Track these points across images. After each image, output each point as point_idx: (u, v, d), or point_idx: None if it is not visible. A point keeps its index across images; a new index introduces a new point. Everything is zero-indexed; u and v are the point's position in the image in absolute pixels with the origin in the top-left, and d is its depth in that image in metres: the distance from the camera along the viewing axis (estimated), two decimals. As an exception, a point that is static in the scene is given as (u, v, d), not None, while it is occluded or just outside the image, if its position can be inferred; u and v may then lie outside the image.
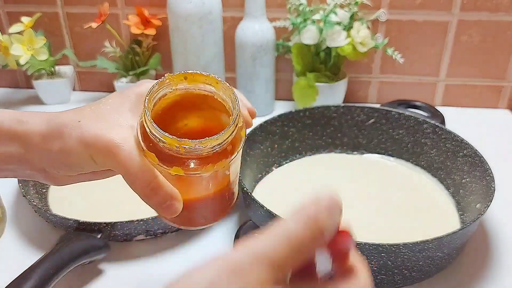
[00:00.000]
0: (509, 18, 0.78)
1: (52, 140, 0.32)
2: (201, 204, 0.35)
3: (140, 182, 0.31)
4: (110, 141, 0.31)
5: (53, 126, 0.33)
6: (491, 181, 0.52)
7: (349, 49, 0.75)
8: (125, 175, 0.32)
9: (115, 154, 0.31)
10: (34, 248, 0.56)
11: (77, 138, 0.32)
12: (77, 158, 0.32)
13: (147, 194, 0.32)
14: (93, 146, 0.31)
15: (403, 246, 0.43)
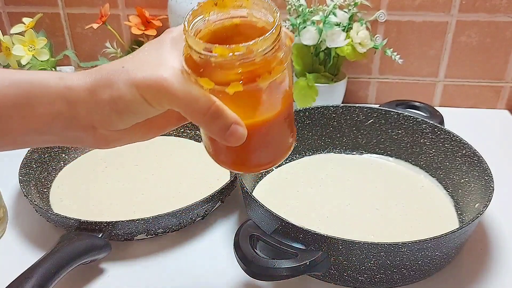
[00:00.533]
0: (507, 19, 0.79)
1: (100, 90, 0.31)
2: (262, 132, 0.33)
3: (199, 109, 0.30)
4: (160, 76, 0.30)
5: (97, 77, 0.32)
6: (490, 181, 0.53)
7: (348, 50, 0.75)
8: (182, 105, 0.30)
9: (168, 86, 0.30)
10: (35, 247, 0.56)
11: (126, 81, 0.31)
12: (129, 102, 0.31)
13: (208, 120, 0.30)
14: (144, 84, 0.30)
15: (402, 246, 0.44)
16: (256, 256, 0.44)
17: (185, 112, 0.31)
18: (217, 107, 0.30)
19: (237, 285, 0.51)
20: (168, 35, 0.34)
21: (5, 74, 0.32)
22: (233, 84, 0.29)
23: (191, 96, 0.30)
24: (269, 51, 0.29)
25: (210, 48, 0.29)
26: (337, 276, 0.48)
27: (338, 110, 0.69)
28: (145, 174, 0.66)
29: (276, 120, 0.33)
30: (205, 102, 0.30)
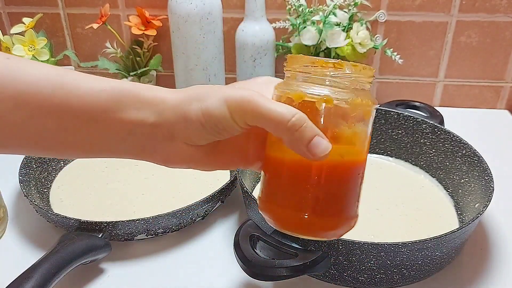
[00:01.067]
0: (507, 19, 0.79)
1: (190, 102, 0.33)
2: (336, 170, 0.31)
3: (283, 117, 0.30)
4: (248, 93, 0.31)
5: (191, 92, 0.33)
6: (490, 181, 0.53)
7: (348, 50, 0.75)
8: (265, 116, 0.30)
9: (254, 100, 0.31)
10: (35, 247, 0.56)
11: (218, 96, 0.32)
12: (214, 114, 0.32)
13: (292, 130, 0.30)
14: (233, 99, 0.31)
15: (402, 246, 0.44)
16: (256, 256, 0.44)
17: (268, 122, 0.31)
18: (301, 116, 0.30)
19: (237, 285, 0.51)
20: (254, 80, 0.37)
21: (96, 81, 0.33)
22: (326, 98, 0.30)
23: (274, 107, 0.30)
24: (361, 80, 0.31)
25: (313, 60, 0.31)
26: (337, 276, 0.48)
27: (338, 110, 0.69)
28: (145, 174, 0.66)
29: (352, 166, 0.32)
30: (288, 111, 0.30)
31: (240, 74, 0.82)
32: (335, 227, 0.32)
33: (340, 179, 0.31)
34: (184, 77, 0.80)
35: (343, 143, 0.31)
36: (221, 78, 0.82)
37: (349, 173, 0.31)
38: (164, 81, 0.92)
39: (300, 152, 0.30)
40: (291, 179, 0.31)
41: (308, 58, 0.31)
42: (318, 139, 0.30)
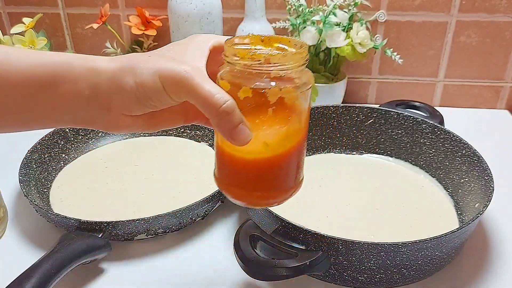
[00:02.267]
0: (507, 19, 0.79)
1: (124, 75, 0.33)
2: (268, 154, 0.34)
3: (214, 102, 0.31)
4: (183, 69, 0.32)
5: (124, 62, 0.34)
6: (490, 180, 0.53)
7: (348, 50, 0.75)
8: (199, 98, 0.32)
9: (188, 78, 0.32)
10: (35, 247, 0.56)
11: (151, 69, 0.33)
12: (150, 89, 0.33)
13: (220, 114, 0.32)
14: (167, 74, 0.32)
15: (402, 246, 0.44)
16: (256, 256, 0.44)
17: (201, 104, 0.32)
18: (231, 103, 0.32)
19: (237, 285, 0.51)
20: (193, 39, 0.36)
21: (35, 55, 0.34)
22: (244, 88, 0.31)
23: (209, 90, 0.32)
24: (285, 69, 0.32)
25: (235, 52, 0.32)
26: (337, 276, 0.48)
27: (338, 110, 0.69)
28: (145, 174, 0.66)
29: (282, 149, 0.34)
30: (220, 97, 0.31)
31: (240, 74, 0.82)
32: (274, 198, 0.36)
33: (268, 164, 0.34)
34: (184, 77, 0.80)
35: (269, 130, 0.33)
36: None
37: (277, 157, 0.34)
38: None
39: (225, 137, 0.33)
40: (231, 163, 0.35)
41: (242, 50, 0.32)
42: (241, 127, 0.32)
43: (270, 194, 0.36)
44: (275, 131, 0.33)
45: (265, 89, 0.31)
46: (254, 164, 0.34)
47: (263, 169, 0.35)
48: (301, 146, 0.36)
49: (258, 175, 0.35)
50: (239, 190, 0.36)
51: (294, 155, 0.35)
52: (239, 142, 0.33)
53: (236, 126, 0.32)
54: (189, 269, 0.53)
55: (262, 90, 0.31)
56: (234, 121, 0.32)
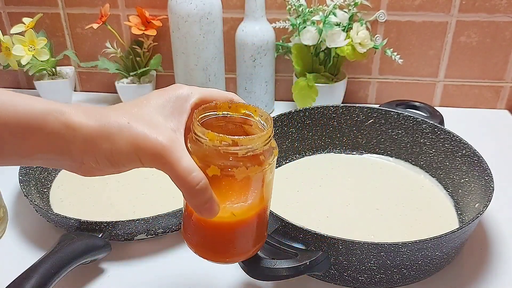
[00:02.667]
0: (507, 19, 0.79)
1: (101, 140, 0.33)
2: (230, 222, 0.37)
3: (189, 181, 0.32)
4: (160, 144, 0.32)
5: (101, 124, 0.33)
6: (490, 180, 0.53)
7: (348, 50, 0.75)
8: (174, 175, 0.33)
9: (166, 156, 0.32)
10: (35, 247, 0.56)
11: (127, 139, 0.32)
12: (125, 159, 0.33)
13: (193, 193, 0.33)
14: (143, 148, 0.32)
15: (402, 246, 0.44)
16: (256, 256, 0.44)
17: (175, 180, 0.33)
18: (204, 184, 0.33)
19: (237, 285, 0.51)
20: (175, 91, 0.37)
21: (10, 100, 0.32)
22: (212, 167, 0.33)
23: (184, 169, 0.32)
24: (251, 150, 0.33)
25: (203, 131, 0.33)
26: (337, 276, 0.48)
27: (338, 110, 0.69)
28: (145, 174, 0.66)
29: (246, 217, 0.37)
30: (195, 176, 0.33)
31: (240, 74, 0.82)
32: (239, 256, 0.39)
33: (233, 231, 0.37)
34: (184, 77, 0.80)
35: (236, 203, 0.36)
36: (221, 78, 0.82)
37: (243, 224, 0.37)
38: (164, 81, 0.92)
39: (194, 210, 0.35)
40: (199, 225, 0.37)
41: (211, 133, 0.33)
42: (210, 204, 0.34)
43: (234, 253, 0.39)
44: (241, 204, 0.36)
45: (232, 169, 0.33)
46: (221, 228, 0.37)
47: (228, 232, 0.37)
48: (265, 210, 0.39)
49: (223, 237, 0.38)
50: (204, 250, 0.38)
51: (258, 219, 0.38)
52: (207, 216, 0.34)
53: (206, 203, 0.34)
54: (189, 269, 0.53)
55: (229, 169, 0.33)
56: (205, 198, 0.33)
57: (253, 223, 0.38)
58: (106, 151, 0.33)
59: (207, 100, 0.37)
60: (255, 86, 0.82)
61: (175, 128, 0.35)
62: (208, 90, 0.38)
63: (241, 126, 0.38)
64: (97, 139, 0.33)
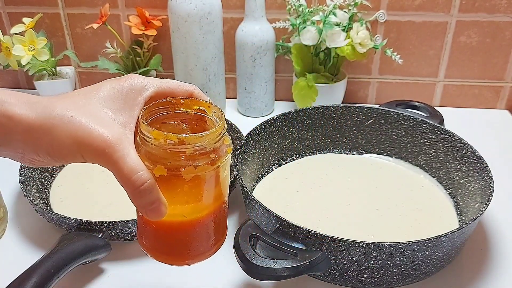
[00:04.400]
0: (507, 19, 0.79)
1: (42, 135, 0.31)
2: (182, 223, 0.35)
3: (134, 181, 0.31)
4: (105, 140, 0.30)
5: (42, 116, 0.31)
6: (490, 181, 0.53)
7: (348, 50, 0.75)
8: (118, 174, 0.31)
9: (109, 154, 0.30)
10: (35, 247, 0.56)
11: (69, 134, 0.31)
12: (66, 154, 0.31)
13: (138, 194, 0.31)
14: (86, 144, 0.30)
15: (402, 246, 0.44)
16: (256, 256, 0.44)
17: (119, 179, 0.31)
18: (150, 184, 0.31)
19: (237, 285, 0.51)
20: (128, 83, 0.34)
21: None
22: (159, 167, 0.31)
23: (129, 169, 0.30)
24: (199, 148, 0.31)
25: (148, 129, 0.31)
26: (337, 276, 0.48)
27: (338, 110, 0.69)
28: (145, 174, 0.66)
29: (199, 218, 0.35)
30: (140, 176, 0.31)
31: (240, 74, 0.82)
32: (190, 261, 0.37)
33: (185, 232, 0.35)
34: (184, 77, 0.80)
35: (186, 204, 0.34)
36: (221, 78, 0.82)
37: (196, 226, 0.35)
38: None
39: (139, 211, 0.33)
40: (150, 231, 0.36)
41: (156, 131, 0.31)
42: (156, 206, 0.32)
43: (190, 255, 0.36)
44: (192, 204, 0.34)
45: (180, 169, 0.31)
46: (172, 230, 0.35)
47: (181, 234, 0.35)
48: (220, 209, 0.36)
49: (176, 239, 0.36)
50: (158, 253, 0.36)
51: (213, 219, 0.36)
52: (153, 218, 0.32)
53: (151, 204, 0.32)
54: (189, 269, 0.53)
55: (177, 169, 0.31)
56: (151, 200, 0.31)
57: (208, 224, 0.36)
58: (47, 144, 0.31)
59: (164, 93, 0.35)
60: (255, 86, 0.82)
61: (124, 123, 0.32)
62: (165, 83, 0.35)
63: (197, 123, 0.35)
64: (37, 132, 0.31)
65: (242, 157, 0.60)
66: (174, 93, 0.35)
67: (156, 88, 0.34)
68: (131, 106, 0.33)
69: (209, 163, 0.32)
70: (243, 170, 0.59)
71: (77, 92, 0.33)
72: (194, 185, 0.33)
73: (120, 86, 0.34)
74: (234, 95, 0.90)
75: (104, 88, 0.33)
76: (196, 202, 0.34)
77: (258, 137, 0.64)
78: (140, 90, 0.34)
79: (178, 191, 0.33)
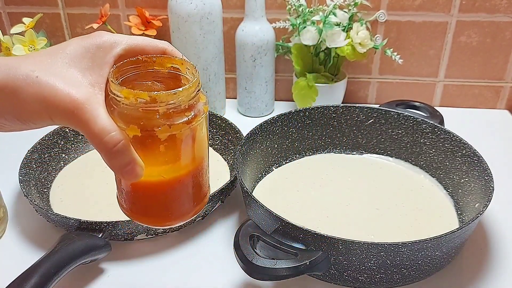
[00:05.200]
0: (507, 19, 0.79)
1: (5, 97, 0.30)
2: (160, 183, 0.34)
3: (106, 142, 0.29)
4: (73, 101, 0.29)
5: (7, 79, 0.29)
6: (490, 180, 0.53)
7: (348, 50, 0.75)
8: (89, 136, 0.30)
9: (79, 115, 0.29)
10: (35, 247, 0.56)
11: (35, 95, 0.29)
12: (33, 116, 0.30)
13: (111, 155, 0.30)
14: (53, 105, 0.29)
15: (402, 245, 0.44)
16: (256, 256, 0.44)
17: (91, 141, 0.30)
18: (123, 145, 0.30)
19: (237, 285, 0.51)
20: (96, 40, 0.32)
21: None
22: (132, 127, 0.30)
23: (99, 129, 0.29)
24: (173, 106, 0.30)
25: (118, 88, 0.30)
26: (337, 276, 0.48)
27: (338, 110, 0.69)
28: (145, 174, 0.66)
29: (177, 178, 0.34)
30: (113, 137, 0.30)
31: (240, 74, 0.82)
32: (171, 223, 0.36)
33: (164, 193, 0.34)
34: (184, 77, 0.80)
35: (163, 165, 0.33)
36: (221, 78, 0.82)
37: (175, 186, 0.34)
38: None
39: (115, 173, 0.31)
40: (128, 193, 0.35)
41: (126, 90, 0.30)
42: (132, 167, 0.31)
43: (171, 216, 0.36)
44: (170, 165, 0.33)
45: (153, 128, 0.30)
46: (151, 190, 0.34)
47: (159, 194, 0.34)
48: (200, 169, 0.35)
49: (155, 200, 0.35)
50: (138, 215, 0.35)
51: (192, 179, 0.35)
52: (129, 180, 0.32)
53: (126, 166, 0.30)
54: (189, 269, 0.53)
55: (151, 129, 0.30)
56: (125, 161, 0.30)
57: (187, 184, 0.35)
58: (13, 107, 0.30)
59: (135, 50, 0.33)
60: (255, 86, 0.82)
61: (93, 82, 0.31)
62: (136, 39, 0.33)
63: (171, 81, 0.34)
64: (1, 94, 0.29)
65: (242, 157, 0.60)
66: (145, 51, 0.34)
67: (125, 46, 0.33)
68: (100, 65, 0.32)
69: (185, 122, 0.31)
70: (243, 170, 0.59)
71: (43, 51, 0.32)
72: (170, 145, 0.32)
73: (87, 44, 0.32)
74: (234, 95, 0.90)
75: (71, 47, 0.32)
76: (174, 162, 0.33)
77: (258, 137, 0.64)
78: (109, 48, 0.32)
79: (154, 152, 0.32)
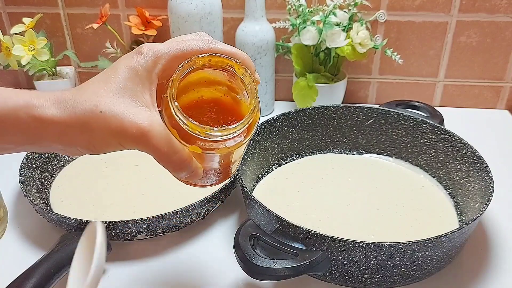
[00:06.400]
0: (507, 19, 0.79)
1: (77, 132, 0.32)
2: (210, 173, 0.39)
3: (173, 162, 0.33)
4: (139, 129, 0.32)
5: (72, 115, 0.32)
6: (490, 180, 0.53)
7: (348, 50, 0.75)
8: (158, 157, 0.33)
9: (147, 140, 0.32)
10: (35, 247, 0.56)
11: (103, 128, 0.32)
12: (104, 144, 0.33)
13: (178, 171, 0.34)
14: (121, 135, 0.32)
15: (402, 246, 0.44)
16: (256, 256, 0.44)
17: (160, 161, 0.34)
18: (188, 162, 0.34)
19: (237, 285, 0.51)
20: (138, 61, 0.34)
21: None
22: (194, 147, 0.34)
23: (169, 150, 0.33)
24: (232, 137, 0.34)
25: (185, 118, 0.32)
26: (337, 276, 0.48)
27: (338, 110, 0.69)
28: (145, 174, 0.66)
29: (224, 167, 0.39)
30: (180, 157, 0.34)
31: (240, 74, 0.82)
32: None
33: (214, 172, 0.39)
34: (184, 77, 0.80)
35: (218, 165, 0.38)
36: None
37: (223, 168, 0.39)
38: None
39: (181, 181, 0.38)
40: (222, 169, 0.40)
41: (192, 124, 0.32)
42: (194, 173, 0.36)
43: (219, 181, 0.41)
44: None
45: (213, 150, 0.34)
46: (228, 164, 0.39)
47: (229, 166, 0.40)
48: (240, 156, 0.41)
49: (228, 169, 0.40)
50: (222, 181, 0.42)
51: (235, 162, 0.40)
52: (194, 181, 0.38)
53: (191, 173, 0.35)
54: (189, 269, 0.53)
55: (211, 150, 0.34)
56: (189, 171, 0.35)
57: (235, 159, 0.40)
58: (84, 141, 0.33)
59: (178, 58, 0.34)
60: (255, 86, 0.81)
61: (147, 104, 0.33)
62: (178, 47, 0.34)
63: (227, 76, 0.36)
64: (71, 131, 0.32)
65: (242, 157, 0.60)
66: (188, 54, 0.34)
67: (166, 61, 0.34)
68: (149, 85, 0.34)
69: (241, 141, 0.34)
70: (243, 170, 0.59)
71: (96, 78, 0.34)
72: (226, 155, 0.36)
73: (134, 64, 0.34)
74: (234, 95, 0.90)
75: (121, 70, 0.34)
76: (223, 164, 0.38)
77: (258, 137, 0.64)
78: (152, 66, 0.34)
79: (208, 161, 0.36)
